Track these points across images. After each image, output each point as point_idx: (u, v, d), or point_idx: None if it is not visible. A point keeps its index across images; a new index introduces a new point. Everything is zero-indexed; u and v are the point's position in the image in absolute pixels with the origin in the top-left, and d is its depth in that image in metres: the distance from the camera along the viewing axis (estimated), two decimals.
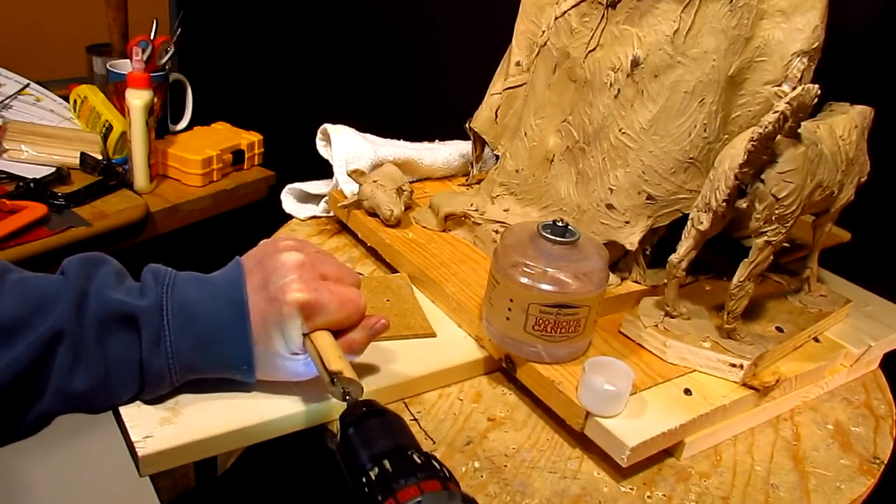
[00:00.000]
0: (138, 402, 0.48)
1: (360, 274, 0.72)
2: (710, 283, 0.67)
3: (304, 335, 0.48)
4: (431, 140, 0.90)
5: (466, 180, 0.88)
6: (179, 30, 1.18)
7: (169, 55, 1.16)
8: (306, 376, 0.50)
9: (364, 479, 0.39)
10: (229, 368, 0.49)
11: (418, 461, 0.39)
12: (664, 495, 0.51)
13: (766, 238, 0.55)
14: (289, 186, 0.85)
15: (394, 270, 0.72)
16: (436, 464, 0.39)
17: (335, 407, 0.52)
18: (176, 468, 0.47)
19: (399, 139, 0.88)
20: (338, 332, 0.49)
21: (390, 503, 0.37)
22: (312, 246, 0.51)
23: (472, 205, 0.75)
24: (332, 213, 0.82)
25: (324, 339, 0.48)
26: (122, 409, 0.47)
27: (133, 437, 0.45)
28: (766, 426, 0.59)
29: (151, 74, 1.01)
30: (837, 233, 0.81)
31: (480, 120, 0.80)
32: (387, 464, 0.39)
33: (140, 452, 0.44)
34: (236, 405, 0.50)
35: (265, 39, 1.71)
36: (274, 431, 0.50)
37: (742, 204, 0.55)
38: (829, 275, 0.76)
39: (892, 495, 0.61)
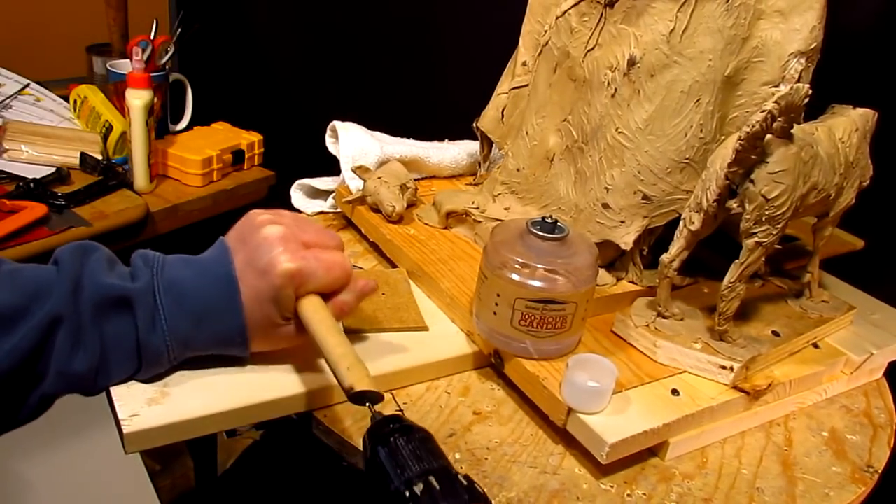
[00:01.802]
0: (130, 382, 0.54)
1: (360, 268, 0.78)
2: (708, 285, 0.71)
3: (296, 299, 0.54)
4: (441, 140, 0.96)
5: (474, 180, 0.93)
6: (179, 30, 1.24)
7: (169, 55, 1.23)
8: (300, 340, 0.56)
9: (408, 495, 0.42)
10: (224, 342, 0.54)
11: (464, 483, 0.43)
12: (644, 494, 0.55)
13: (756, 239, 0.60)
14: (298, 182, 0.91)
15: (394, 266, 0.77)
16: (478, 487, 0.43)
17: (325, 392, 0.58)
18: (176, 468, 0.52)
19: (409, 138, 0.94)
20: (327, 295, 0.55)
21: None
22: (289, 215, 0.57)
23: (473, 202, 0.80)
24: (338, 209, 0.89)
25: (316, 310, 0.53)
26: (113, 388, 0.53)
27: (119, 415, 0.51)
28: (757, 430, 0.63)
29: (151, 74, 1.07)
30: (850, 240, 0.85)
31: (487, 120, 0.86)
32: (433, 481, 0.42)
33: (125, 430, 0.50)
34: (225, 387, 0.55)
35: (265, 39, 1.79)
36: (260, 415, 0.55)
37: (733, 204, 0.60)
38: (836, 281, 0.80)
39: None
